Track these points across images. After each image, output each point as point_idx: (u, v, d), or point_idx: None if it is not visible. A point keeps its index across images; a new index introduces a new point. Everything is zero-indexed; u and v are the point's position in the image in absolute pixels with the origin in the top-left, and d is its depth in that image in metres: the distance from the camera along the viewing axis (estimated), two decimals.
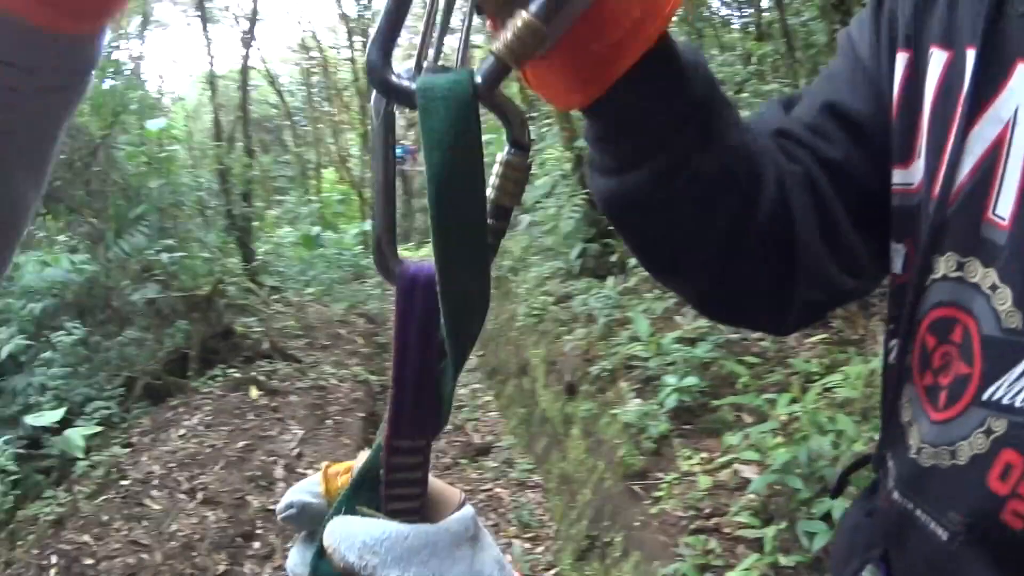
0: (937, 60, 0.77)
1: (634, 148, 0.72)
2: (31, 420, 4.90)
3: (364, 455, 0.51)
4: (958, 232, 0.73)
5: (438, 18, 0.51)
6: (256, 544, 4.86)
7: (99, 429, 5.58)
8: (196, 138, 15.51)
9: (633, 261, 6.33)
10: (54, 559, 4.25)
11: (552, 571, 4.68)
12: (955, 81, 0.74)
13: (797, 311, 0.88)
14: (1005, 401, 0.68)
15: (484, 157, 0.45)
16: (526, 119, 0.51)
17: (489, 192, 0.49)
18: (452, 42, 0.55)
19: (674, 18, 0.63)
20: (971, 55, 0.72)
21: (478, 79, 0.47)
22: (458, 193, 0.45)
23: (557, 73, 0.65)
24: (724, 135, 0.74)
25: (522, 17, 0.50)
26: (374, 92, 0.49)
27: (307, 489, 0.52)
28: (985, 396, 0.69)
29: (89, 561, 4.26)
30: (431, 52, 0.51)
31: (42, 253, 7.46)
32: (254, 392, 6.94)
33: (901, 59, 0.81)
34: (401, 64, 0.49)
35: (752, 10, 9.11)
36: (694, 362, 4.56)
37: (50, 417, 4.69)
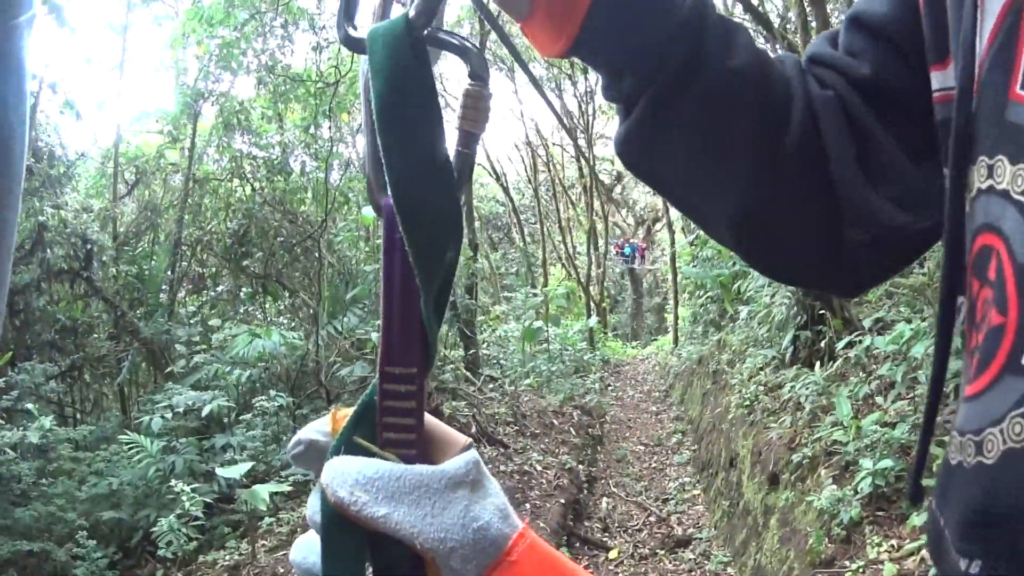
0: None
1: (631, 85, 0.70)
2: (221, 472, 5.30)
3: None
4: (983, 125, 0.53)
5: None
6: None
7: (289, 489, 5.88)
8: None
9: (841, 344, 6.01)
10: None
11: None
12: None
13: (855, 261, 0.76)
14: None
15: (433, 89, 0.51)
16: (481, 53, 0.56)
17: (456, 121, 0.54)
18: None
19: None
20: None
21: (411, 12, 0.52)
22: (401, 115, 0.49)
23: (540, 26, 0.67)
24: (724, 59, 0.69)
25: None
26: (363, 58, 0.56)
27: (316, 429, 0.53)
28: None
29: None
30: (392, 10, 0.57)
31: (253, 327, 8.14)
32: None
33: None
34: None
35: None
36: (893, 445, 4.20)
37: (237, 470, 5.05)
